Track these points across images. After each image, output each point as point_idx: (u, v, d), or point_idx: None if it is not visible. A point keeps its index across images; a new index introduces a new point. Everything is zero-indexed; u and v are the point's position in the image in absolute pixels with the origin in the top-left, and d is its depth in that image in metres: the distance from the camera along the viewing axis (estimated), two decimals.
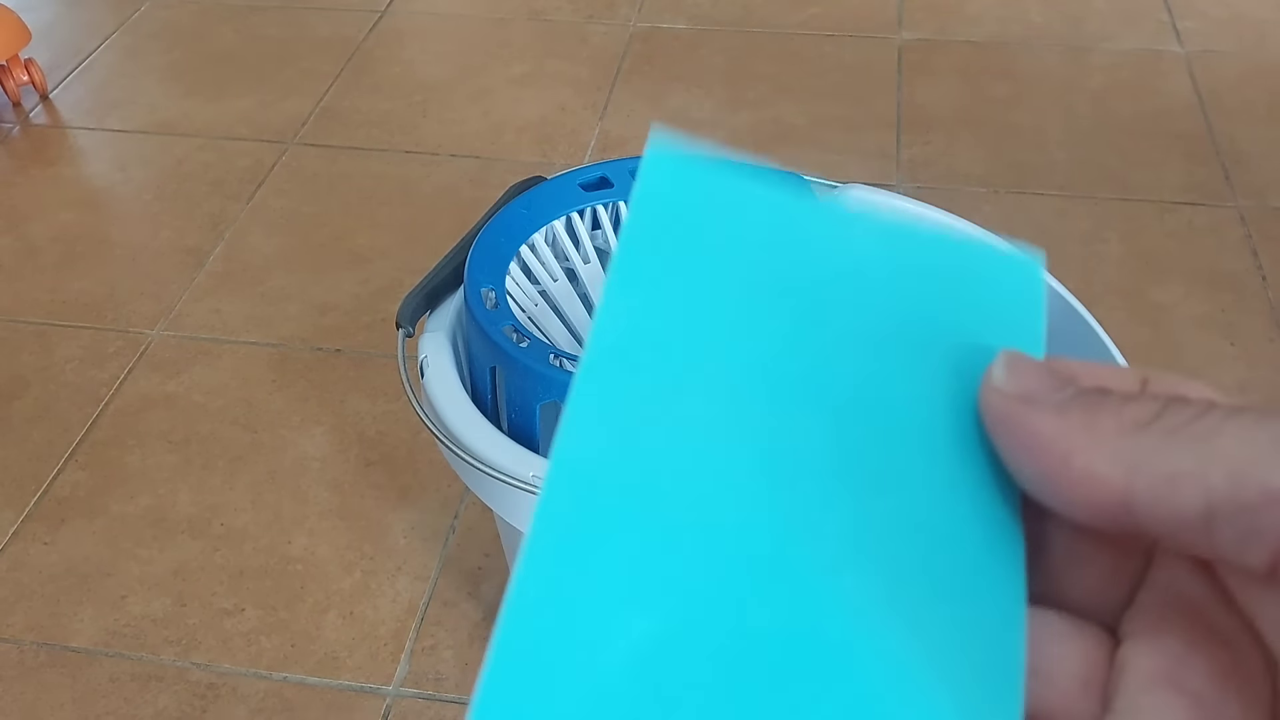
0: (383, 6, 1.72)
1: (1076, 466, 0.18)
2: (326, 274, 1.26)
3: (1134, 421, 0.18)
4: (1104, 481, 0.18)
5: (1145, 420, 0.18)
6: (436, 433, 0.66)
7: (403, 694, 0.88)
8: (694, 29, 1.64)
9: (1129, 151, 1.39)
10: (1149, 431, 0.18)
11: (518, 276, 0.74)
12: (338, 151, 1.43)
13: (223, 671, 0.90)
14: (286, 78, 1.57)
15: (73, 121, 1.52)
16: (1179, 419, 0.18)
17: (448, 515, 1.01)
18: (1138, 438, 0.18)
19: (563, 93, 1.52)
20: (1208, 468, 0.17)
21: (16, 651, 0.92)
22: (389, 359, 1.15)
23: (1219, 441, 0.17)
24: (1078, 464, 0.18)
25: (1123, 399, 0.19)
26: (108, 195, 1.39)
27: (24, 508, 1.03)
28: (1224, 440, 0.17)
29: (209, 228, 1.33)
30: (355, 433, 1.08)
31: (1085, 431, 0.18)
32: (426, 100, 1.52)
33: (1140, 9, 1.66)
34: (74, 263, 1.29)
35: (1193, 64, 1.54)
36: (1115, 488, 0.18)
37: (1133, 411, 0.18)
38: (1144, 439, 0.18)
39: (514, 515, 0.67)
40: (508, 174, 1.36)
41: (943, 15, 1.65)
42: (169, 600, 0.95)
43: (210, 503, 1.03)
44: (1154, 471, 0.17)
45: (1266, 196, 1.32)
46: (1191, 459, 0.17)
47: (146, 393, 1.13)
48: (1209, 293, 1.20)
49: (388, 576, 0.96)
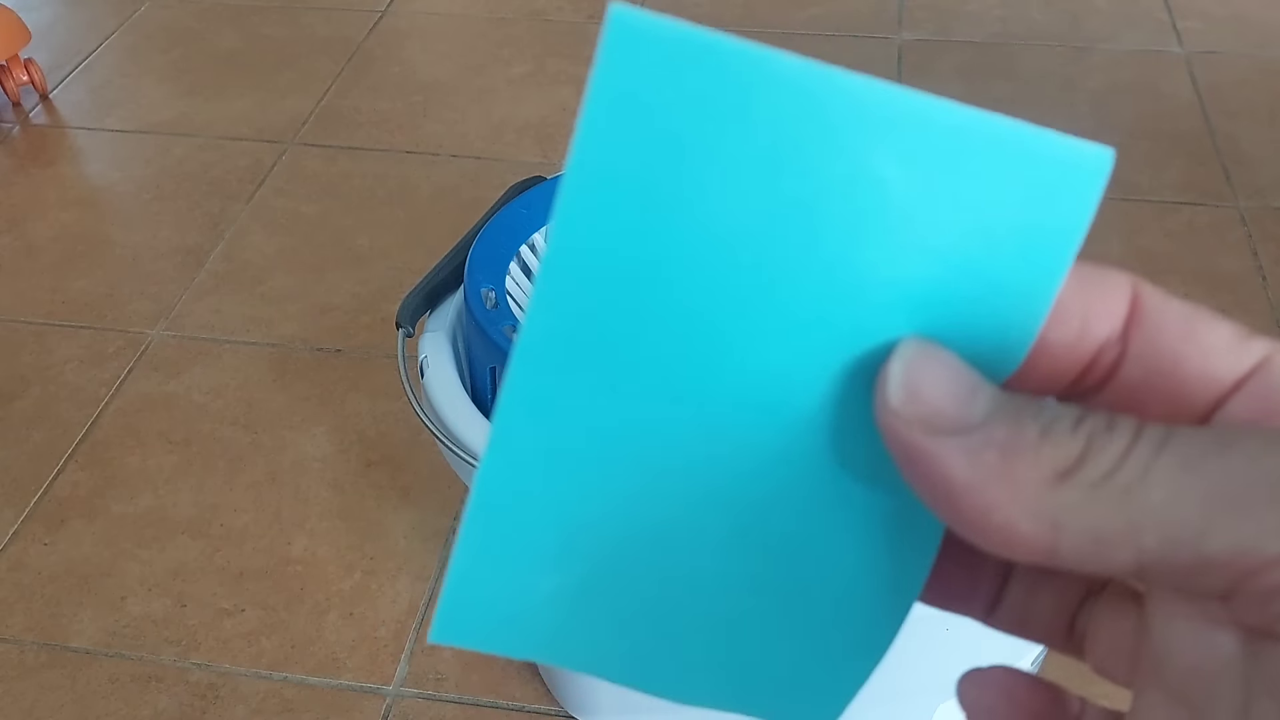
0: (383, 6, 1.72)
1: (996, 523, 0.17)
2: (326, 274, 1.26)
3: (1053, 471, 0.16)
4: (1028, 539, 0.17)
5: (1065, 468, 0.16)
6: (436, 433, 0.66)
7: (403, 694, 0.88)
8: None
9: (1129, 151, 1.39)
10: (1070, 485, 0.16)
11: (518, 276, 0.74)
12: (338, 151, 1.43)
13: (223, 672, 0.90)
14: (286, 78, 1.57)
15: (72, 121, 1.52)
16: (1102, 464, 0.16)
17: (448, 515, 1.01)
18: (1059, 493, 0.16)
19: (563, 93, 1.52)
20: (1138, 530, 0.16)
21: (16, 652, 0.92)
22: (389, 359, 1.15)
23: (1147, 496, 0.16)
24: (997, 520, 0.17)
25: (1040, 434, 0.17)
26: (108, 195, 1.39)
27: (24, 508, 1.03)
28: (1152, 494, 0.16)
29: (209, 228, 1.33)
30: (355, 433, 1.08)
31: (1002, 483, 0.17)
32: (426, 100, 1.52)
33: (1140, 9, 1.66)
34: (74, 263, 1.29)
35: (1193, 64, 1.54)
36: (1040, 544, 0.17)
37: (1050, 456, 0.17)
38: (1065, 495, 0.16)
39: None
40: (508, 174, 1.36)
41: (943, 15, 1.65)
42: (169, 601, 0.95)
43: (210, 503, 1.02)
44: (1080, 531, 0.16)
45: (1267, 196, 1.32)
46: (1119, 519, 0.16)
47: (146, 393, 1.13)
48: (1209, 293, 1.20)
49: (388, 577, 0.96)
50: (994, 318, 0.18)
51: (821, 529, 0.20)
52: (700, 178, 0.17)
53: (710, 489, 0.20)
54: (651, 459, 0.19)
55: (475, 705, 0.88)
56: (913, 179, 0.17)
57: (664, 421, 0.19)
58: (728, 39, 0.17)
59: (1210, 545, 0.16)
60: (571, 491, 0.20)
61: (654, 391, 0.19)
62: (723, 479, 0.20)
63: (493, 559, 0.20)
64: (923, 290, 0.18)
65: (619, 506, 0.20)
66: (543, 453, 0.19)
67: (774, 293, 0.18)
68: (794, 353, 0.18)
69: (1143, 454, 0.16)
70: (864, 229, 0.18)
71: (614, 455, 0.19)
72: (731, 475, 0.19)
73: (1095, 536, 0.16)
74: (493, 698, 0.88)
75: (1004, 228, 0.18)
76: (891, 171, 0.17)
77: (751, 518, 0.20)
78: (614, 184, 0.17)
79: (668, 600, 0.21)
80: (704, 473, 0.19)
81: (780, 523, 0.20)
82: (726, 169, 0.17)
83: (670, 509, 0.20)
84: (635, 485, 0.20)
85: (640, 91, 0.17)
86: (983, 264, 0.18)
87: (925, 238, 0.18)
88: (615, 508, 0.20)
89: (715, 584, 0.21)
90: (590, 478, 0.19)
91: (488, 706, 0.88)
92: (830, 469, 0.19)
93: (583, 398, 0.19)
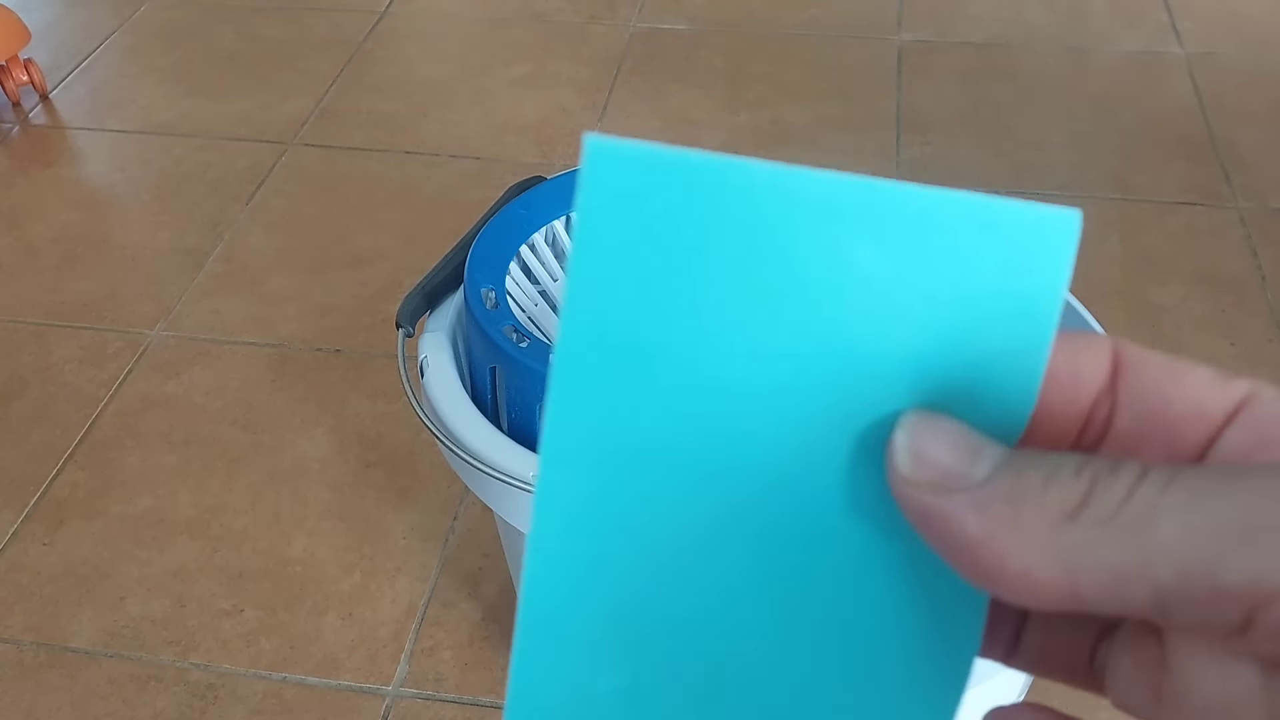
0: (383, 6, 1.72)
1: (1013, 571, 0.17)
2: (326, 274, 1.26)
3: (1061, 512, 0.17)
4: (1045, 584, 0.17)
5: (1072, 508, 0.17)
6: (436, 433, 0.66)
7: (403, 694, 0.88)
8: (694, 29, 1.64)
9: (1129, 153, 1.39)
10: (1080, 524, 0.17)
11: (518, 276, 0.74)
12: (338, 152, 1.43)
13: (222, 672, 0.90)
14: (286, 78, 1.57)
15: (72, 122, 1.52)
16: (1109, 503, 0.17)
17: (448, 516, 1.01)
18: (1070, 532, 0.17)
19: (563, 93, 1.52)
20: (1152, 565, 0.16)
21: (15, 652, 0.92)
22: (389, 359, 1.15)
23: (1158, 532, 0.16)
24: (1014, 568, 0.17)
25: (1044, 481, 0.17)
26: (107, 196, 1.39)
27: (23, 508, 1.03)
28: (1163, 530, 0.16)
29: (209, 228, 1.33)
30: (355, 433, 1.08)
31: (1013, 530, 0.17)
32: (426, 101, 1.52)
33: (1140, 10, 1.66)
34: (74, 263, 1.29)
35: (1193, 65, 1.54)
36: (1059, 587, 0.17)
37: (1057, 498, 0.17)
38: (1076, 534, 0.17)
39: (514, 515, 0.67)
40: (508, 174, 1.36)
41: (943, 16, 1.65)
42: (168, 601, 0.95)
43: (209, 504, 1.02)
44: (1095, 570, 0.17)
45: (1267, 198, 1.32)
46: (1132, 555, 0.16)
47: (146, 393, 1.13)
48: (1209, 293, 1.20)
49: (387, 577, 0.96)
50: (992, 385, 0.19)
51: (870, 603, 0.20)
52: (689, 278, 0.18)
53: (751, 572, 0.20)
54: (687, 546, 0.20)
55: (475, 705, 0.88)
56: (888, 260, 0.18)
57: (696, 507, 0.20)
58: (695, 154, 0.18)
59: (1224, 578, 0.16)
60: (613, 588, 0.20)
61: (681, 478, 0.19)
62: (761, 560, 0.20)
63: (548, 662, 0.21)
64: (920, 364, 0.19)
65: (663, 599, 0.20)
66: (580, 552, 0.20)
67: (777, 377, 0.19)
68: (806, 433, 0.19)
69: (1149, 492, 0.17)
70: (851, 312, 0.19)
71: (651, 547, 0.20)
72: (769, 556, 0.20)
73: (1111, 574, 0.17)
74: (492, 698, 0.88)
75: (986, 298, 0.19)
76: (866, 256, 0.18)
77: (797, 597, 0.20)
78: (610, 294, 0.18)
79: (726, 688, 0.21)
80: (742, 556, 0.20)
81: (826, 599, 0.20)
82: (711, 268, 0.18)
83: (714, 595, 0.20)
84: (676, 575, 0.20)
85: (622, 208, 0.18)
86: (972, 335, 0.19)
87: (911, 315, 0.19)
88: (659, 600, 0.20)
89: (769, 667, 0.21)
90: (630, 571, 0.20)
91: (488, 706, 0.88)
92: (866, 540, 0.20)
93: (613, 493, 0.19)
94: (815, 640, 0.20)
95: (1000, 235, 0.18)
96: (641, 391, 0.19)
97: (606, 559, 0.20)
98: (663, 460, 0.19)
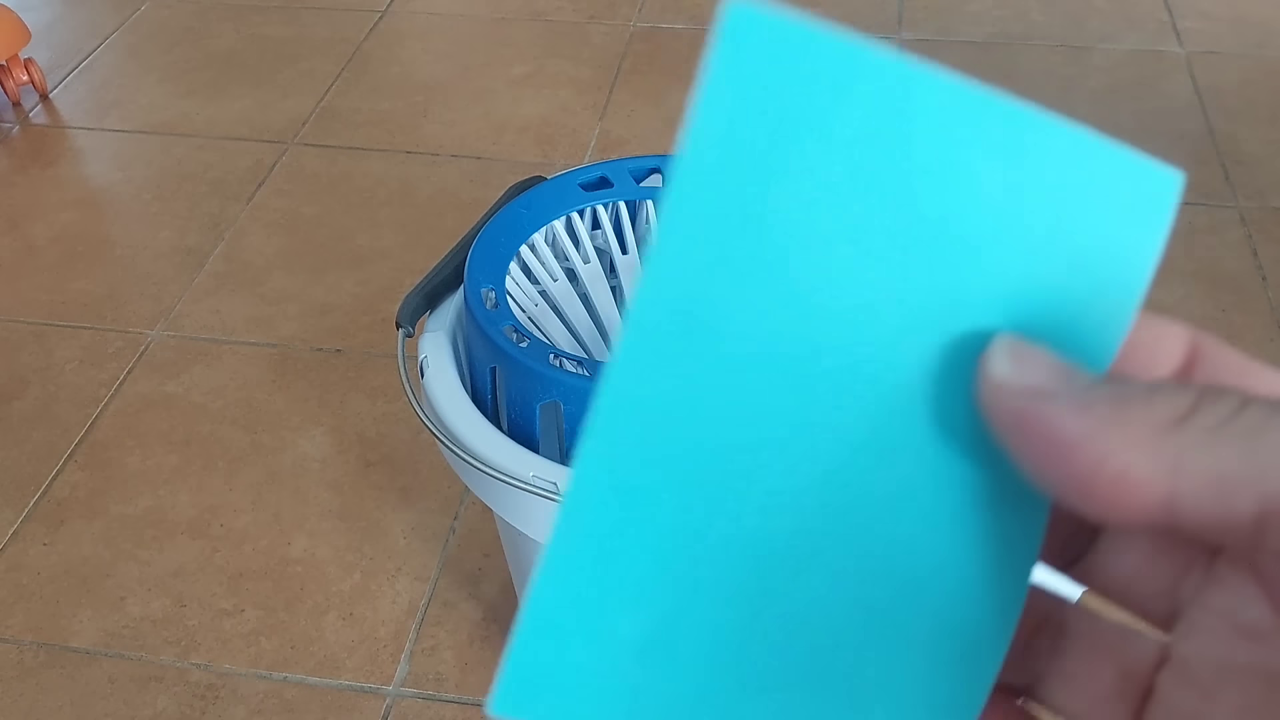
0: (383, 6, 1.72)
1: (1111, 469, 0.16)
2: (326, 274, 1.26)
3: (1169, 417, 0.16)
4: (1144, 485, 0.16)
5: (1180, 415, 0.16)
6: (436, 433, 0.66)
7: (403, 694, 0.88)
8: (694, 29, 1.64)
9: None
10: (1187, 428, 0.16)
11: (518, 276, 0.74)
12: (338, 151, 1.43)
13: (222, 672, 0.90)
14: (286, 78, 1.57)
15: (72, 121, 1.52)
16: (1218, 414, 0.16)
17: (448, 516, 1.01)
18: (1177, 435, 0.16)
19: (563, 93, 1.52)
20: (1262, 473, 0.16)
21: (16, 652, 0.92)
22: (389, 359, 1.15)
23: (1268, 442, 0.16)
24: (1113, 467, 0.16)
25: (1149, 389, 0.17)
26: (107, 195, 1.39)
27: (23, 508, 1.03)
28: (1273, 440, 0.16)
29: (209, 228, 1.33)
30: (355, 433, 1.08)
31: (1116, 429, 0.16)
32: (426, 100, 1.52)
33: (1140, 9, 1.66)
34: (74, 263, 1.29)
35: (1193, 64, 1.54)
36: (1157, 491, 0.16)
37: (1164, 405, 0.16)
38: (1184, 437, 0.16)
39: (514, 515, 0.67)
40: (508, 174, 1.36)
41: (943, 15, 1.65)
42: (168, 601, 0.95)
43: (210, 504, 1.02)
44: (1201, 473, 0.16)
45: (1267, 197, 1.32)
46: (1241, 461, 0.16)
47: (146, 393, 1.13)
48: (1209, 293, 1.20)
49: (388, 577, 0.96)
50: (1077, 329, 0.19)
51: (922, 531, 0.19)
52: (807, 163, 0.17)
53: (802, 488, 0.19)
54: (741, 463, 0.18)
55: (475, 705, 0.88)
56: (1004, 181, 0.18)
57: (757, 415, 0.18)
58: (839, 37, 0.17)
59: None
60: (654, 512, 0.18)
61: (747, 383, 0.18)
62: (818, 476, 0.19)
63: (568, 601, 0.18)
64: (1014, 291, 0.18)
65: (707, 524, 0.19)
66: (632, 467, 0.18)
67: (870, 281, 0.18)
68: (886, 345, 0.18)
69: (1258, 409, 0.16)
70: (956, 226, 0.18)
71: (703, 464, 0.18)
72: (827, 473, 0.19)
73: (1217, 478, 0.16)
74: None
75: (1088, 239, 0.18)
76: (984, 171, 0.18)
77: (847, 518, 0.19)
78: (726, 168, 0.17)
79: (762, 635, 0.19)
80: (796, 470, 0.19)
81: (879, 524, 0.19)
82: (833, 155, 0.17)
83: (762, 519, 0.19)
84: (725, 497, 0.19)
85: (753, 77, 0.17)
86: (1068, 272, 0.18)
87: (1015, 240, 0.18)
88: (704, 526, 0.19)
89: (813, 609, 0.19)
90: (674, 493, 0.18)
91: None
92: (929, 460, 0.19)
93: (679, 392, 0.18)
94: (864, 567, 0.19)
95: (1111, 180, 0.18)
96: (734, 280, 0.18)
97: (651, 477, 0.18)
98: (733, 363, 0.18)
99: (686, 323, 0.18)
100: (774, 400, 0.18)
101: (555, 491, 0.62)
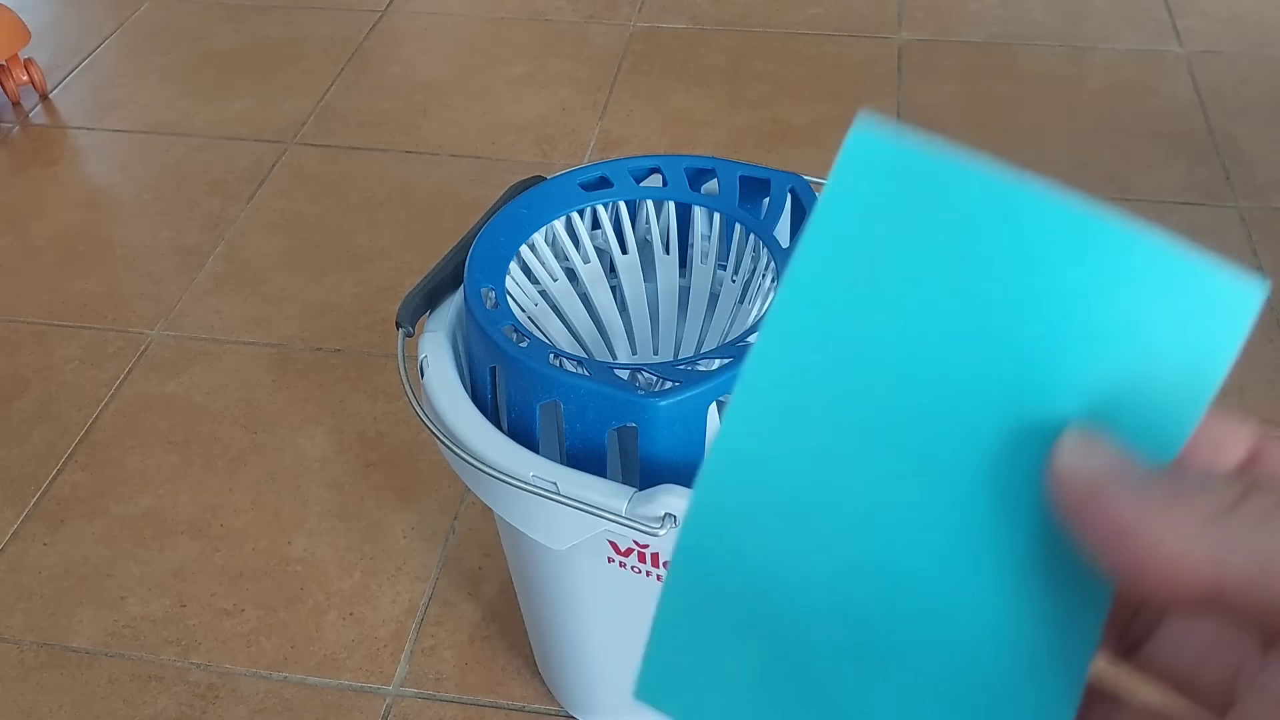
0: (383, 6, 1.72)
1: (1164, 552, 0.18)
2: (326, 274, 1.26)
3: (1218, 505, 0.18)
4: (1194, 568, 0.18)
5: (1229, 504, 0.18)
6: (436, 433, 0.66)
7: (403, 694, 0.88)
8: (694, 29, 1.64)
9: (1129, 151, 1.39)
10: (1236, 517, 0.18)
11: (518, 276, 0.74)
12: (338, 151, 1.43)
13: (223, 672, 0.90)
14: (286, 78, 1.57)
15: (72, 121, 1.52)
16: (1262, 505, 0.18)
17: (448, 515, 1.01)
18: (1225, 523, 0.18)
19: (563, 93, 1.52)
20: None
21: (16, 652, 0.92)
22: (389, 359, 1.15)
23: None
24: (1167, 550, 0.18)
25: (1202, 479, 0.19)
26: (108, 195, 1.39)
27: (24, 508, 1.03)
28: None
29: (209, 228, 1.33)
30: (355, 433, 1.08)
31: (1170, 515, 0.18)
32: (426, 100, 1.52)
33: (1140, 9, 1.66)
34: (74, 263, 1.29)
35: (1193, 64, 1.54)
36: (1206, 574, 0.18)
37: (1215, 494, 0.18)
38: (1232, 524, 0.18)
39: (514, 515, 0.67)
40: (508, 174, 1.36)
41: (943, 15, 1.65)
42: (169, 601, 0.95)
43: (210, 503, 1.02)
44: (1245, 558, 0.17)
45: (1267, 196, 1.32)
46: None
47: (146, 393, 1.13)
48: None
49: (388, 577, 0.96)
50: (1144, 426, 0.20)
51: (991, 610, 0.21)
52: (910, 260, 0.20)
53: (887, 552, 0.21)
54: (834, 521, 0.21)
55: (475, 705, 0.88)
56: (1085, 284, 0.20)
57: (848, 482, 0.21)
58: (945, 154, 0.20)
59: None
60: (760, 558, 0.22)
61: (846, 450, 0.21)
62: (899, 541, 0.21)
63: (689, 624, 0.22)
64: (1087, 386, 0.20)
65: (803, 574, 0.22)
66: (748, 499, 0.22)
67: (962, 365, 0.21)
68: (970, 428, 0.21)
69: None
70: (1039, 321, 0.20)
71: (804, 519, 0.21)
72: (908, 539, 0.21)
73: (1260, 564, 0.17)
74: (492, 698, 0.88)
75: (1161, 343, 0.20)
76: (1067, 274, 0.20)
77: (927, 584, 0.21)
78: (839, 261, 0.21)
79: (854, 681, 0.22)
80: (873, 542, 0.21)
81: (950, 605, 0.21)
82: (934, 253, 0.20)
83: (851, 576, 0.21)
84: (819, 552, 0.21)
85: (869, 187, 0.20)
86: (1140, 371, 0.20)
87: (1097, 340, 0.20)
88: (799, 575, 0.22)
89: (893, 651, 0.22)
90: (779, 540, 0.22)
91: (488, 706, 0.88)
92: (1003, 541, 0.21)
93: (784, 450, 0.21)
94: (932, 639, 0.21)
95: (1190, 289, 0.20)
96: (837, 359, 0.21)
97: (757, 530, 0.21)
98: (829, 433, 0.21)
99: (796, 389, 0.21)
100: (862, 473, 0.21)
101: (555, 491, 0.62)
